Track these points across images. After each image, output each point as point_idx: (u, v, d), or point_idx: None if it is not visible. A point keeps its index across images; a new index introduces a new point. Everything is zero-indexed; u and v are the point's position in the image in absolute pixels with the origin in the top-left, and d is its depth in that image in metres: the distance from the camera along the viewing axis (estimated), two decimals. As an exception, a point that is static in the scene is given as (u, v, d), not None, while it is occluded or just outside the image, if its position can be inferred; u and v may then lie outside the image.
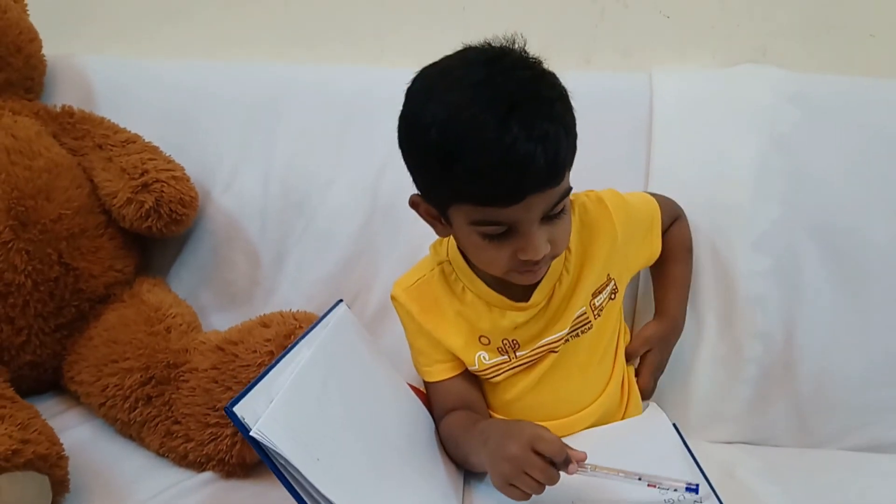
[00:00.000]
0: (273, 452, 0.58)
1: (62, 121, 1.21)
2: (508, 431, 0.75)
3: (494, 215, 0.74)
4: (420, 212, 0.85)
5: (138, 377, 1.00)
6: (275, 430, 0.59)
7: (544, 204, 0.74)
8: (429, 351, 0.92)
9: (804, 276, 1.04)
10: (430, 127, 0.72)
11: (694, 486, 0.71)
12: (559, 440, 0.72)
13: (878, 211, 1.04)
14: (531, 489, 0.71)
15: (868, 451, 1.02)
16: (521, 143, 0.69)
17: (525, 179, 0.71)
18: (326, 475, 0.60)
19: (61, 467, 0.86)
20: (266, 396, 0.63)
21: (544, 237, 0.76)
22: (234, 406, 0.58)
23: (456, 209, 0.77)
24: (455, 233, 0.82)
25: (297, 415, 0.65)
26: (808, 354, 1.03)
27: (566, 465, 0.71)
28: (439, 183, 0.76)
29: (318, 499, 0.60)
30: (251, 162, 1.23)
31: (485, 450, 0.77)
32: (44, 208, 1.07)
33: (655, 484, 0.73)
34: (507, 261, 0.78)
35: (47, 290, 1.07)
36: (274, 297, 1.20)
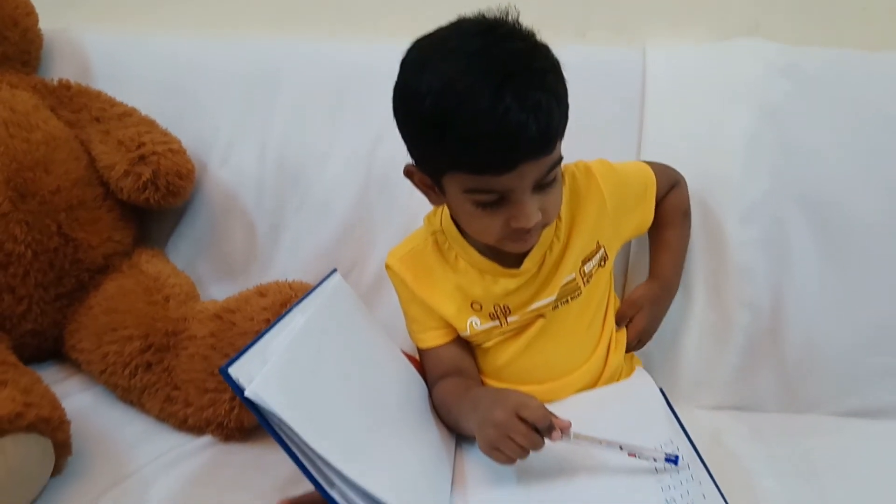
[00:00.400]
0: (267, 412, 0.60)
1: (59, 94, 1.22)
2: (495, 399, 0.77)
3: (487, 184, 0.75)
4: (414, 181, 0.87)
5: (138, 345, 1.02)
6: (269, 391, 0.60)
7: (536, 173, 0.76)
8: (422, 318, 0.94)
9: (792, 247, 1.05)
10: (424, 96, 0.73)
11: (673, 457, 0.73)
12: (543, 408, 0.74)
13: (867, 183, 1.05)
14: (515, 453, 0.74)
15: (852, 417, 1.04)
16: (514, 112, 0.70)
17: (517, 148, 0.72)
18: (320, 434, 0.62)
19: (63, 431, 0.88)
20: (261, 359, 0.65)
21: (536, 205, 0.78)
22: (229, 367, 0.60)
23: (450, 178, 0.79)
24: (448, 201, 0.84)
25: (292, 376, 0.66)
26: (794, 323, 1.05)
27: (549, 431, 0.73)
28: (433, 152, 0.78)
29: (312, 458, 0.61)
30: (247, 135, 1.25)
31: (474, 416, 0.79)
32: (42, 180, 1.09)
33: (636, 454, 0.74)
34: (500, 229, 0.80)
35: (47, 260, 1.09)
36: (270, 269, 1.22)
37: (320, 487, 0.62)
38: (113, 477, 0.91)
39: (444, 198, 0.84)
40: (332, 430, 0.66)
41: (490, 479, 0.79)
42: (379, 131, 1.19)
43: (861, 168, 1.06)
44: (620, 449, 0.74)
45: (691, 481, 0.70)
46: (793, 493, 0.85)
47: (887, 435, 0.99)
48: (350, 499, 0.62)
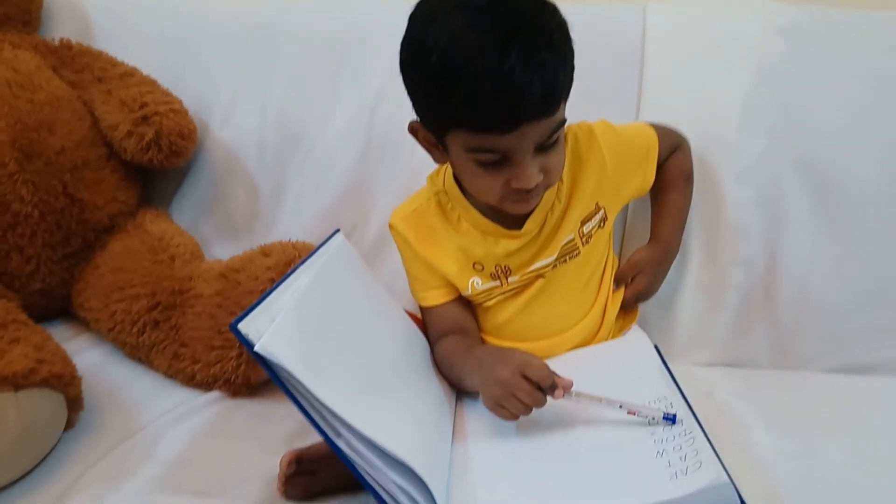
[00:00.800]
0: (276, 366, 0.62)
1: (61, 54, 1.23)
2: (500, 357, 0.79)
3: (489, 143, 0.76)
4: (418, 138, 0.87)
5: (145, 303, 1.04)
6: (278, 346, 0.62)
7: (538, 134, 0.76)
8: (424, 277, 0.96)
9: (787, 207, 1.07)
10: (430, 51, 0.73)
11: (671, 415, 0.75)
12: (547, 367, 0.76)
13: (862, 144, 1.06)
14: (519, 410, 0.76)
15: (843, 373, 1.06)
16: (519, 71, 0.70)
17: (520, 108, 0.73)
18: (327, 387, 0.64)
19: (75, 386, 0.91)
20: (268, 315, 0.66)
21: (537, 167, 0.79)
22: (239, 324, 0.62)
23: (453, 136, 0.79)
24: (451, 160, 0.85)
25: (299, 332, 0.68)
26: (788, 281, 1.07)
27: (552, 390, 0.76)
28: (437, 108, 0.78)
29: (319, 409, 0.64)
30: (248, 95, 1.25)
31: (478, 374, 0.81)
32: (47, 141, 1.10)
33: (635, 412, 0.76)
34: (501, 189, 0.81)
35: (54, 220, 1.10)
36: (273, 230, 1.23)
37: (327, 437, 0.64)
38: (124, 431, 0.94)
39: (447, 156, 0.85)
40: (339, 382, 0.68)
41: (489, 432, 0.81)
42: (380, 91, 1.20)
43: (858, 128, 1.07)
44: (620, 407, 0.77)
45: (684, 435, 0.72)
46: (783, 448, 0.87)
47: (877, 391, 1.01)
48: (356, 448, 0.64)
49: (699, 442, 0.71)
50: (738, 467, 0.81)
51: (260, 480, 0.85)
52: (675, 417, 0.75)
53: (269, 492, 0.83)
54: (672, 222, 1.05)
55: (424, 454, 0.69)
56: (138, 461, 0.89)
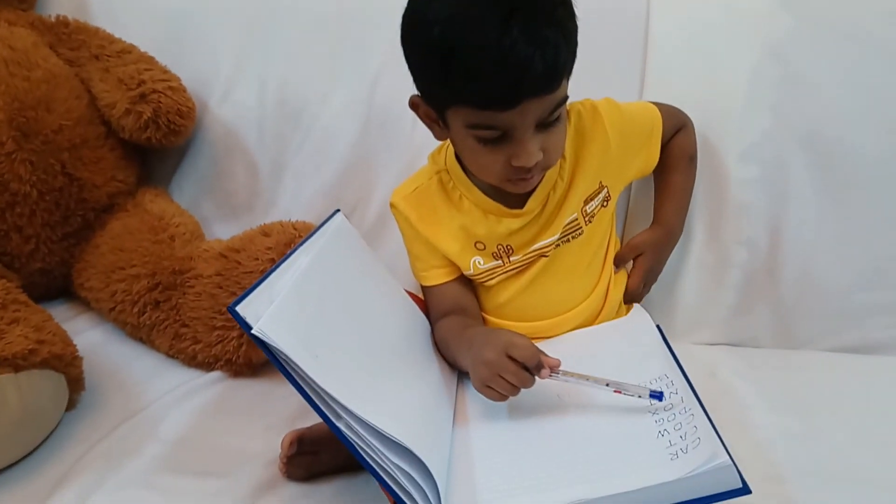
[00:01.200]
0: (275, 349, 0.62)
1: (57, 31, 1.21)
2: (487, 339, 0.79)
3: (490, 119, 0.75)
4: (419, 114, 0.86)
5: (145, 283, 1.04)
6: (275, 328, 0.62)
7: (540, 110, 0.75)
8: (426, 256, 0.95)
9: (791, 185, 1.05)
10: (431, 25, 0.72)
11: (658, 393, 0.74)
12: (532, 347, 0.75)
13: (869, 120, 1.04)
14: (506, 391, 0.76)
15: (846, 353, 1.06)
16: (520, 46, 0.69)
17: (521, 83, 0.72)
18: (325, 371, 0.64)
19: (76, 366, 0.91)
20: (268, 297, 0.66)
21: (537, 145, 0.78)
22: (237, 306, 0.62)
23: (453, 112, 0.78)
24: (452, 136, 0.84)
25: (297, 313, 0.68)
26: (791, 260, 1.06)
27: (538, 370, 0.75)
28: (438, 83, 0.77)
29: (319, 392, 0.63)
30: (247, 72, 1.24)
31: (468, 355, 0.81)
32: (45, 119, 1.09)
33: (621, 390, 0.76)
34: (501, 167, 0.80)
35: (53, 199, 1.10)
36: (274, 209, 1.23)
37: (327, 420, 0.64)
38: (125, 411, 0.95)
39: (447, 132, 0.84)
40: (337, 366, 0.67)
41: (490, 413, 0.81)
42: (380, 68, 1.19)
43: (864, 104, 1.05)
44: (606, 385, 0.76)
45: (684, 413, 0.72)
46: (785, 428, 0.87)
47: (880, 370, 1.01)
48: (356, 430, 0.64)
49: (699, 419, 0.71)
50: (739, 448, 0.81)
51: (262, 460, 0.86)
52: (661, 395, 0.75)
53: (272, 472, 0.84)
54: (675, 204, 1.04)
55: (425, 436, 0.69)
56: (140, 441, 0.90)
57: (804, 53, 1.06)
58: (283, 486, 0.82)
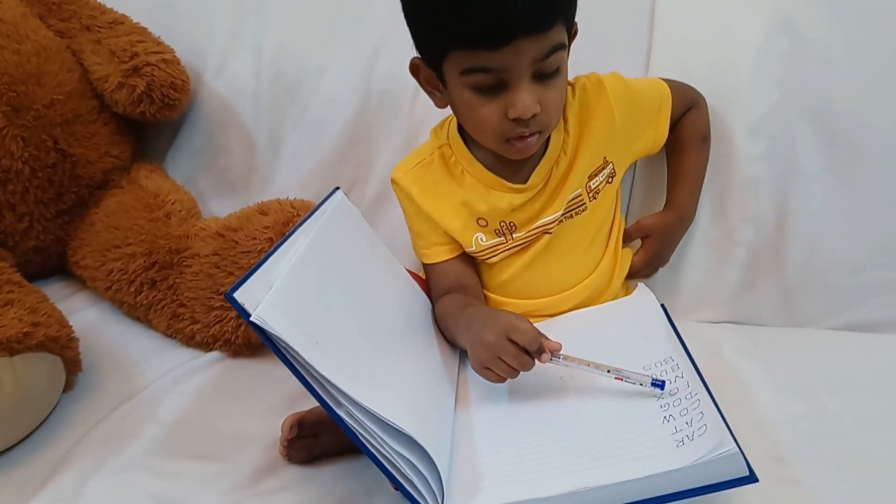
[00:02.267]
0: (274, 336, 0.61)
1: (47, 1, 1.18)
2: (487, 320, 0.77)
3: (483, 60, 0.74)
4: (420, 79, 0.86)
5: (142, 262, 1.02)
6: (274, 315, 0.61)
7: (535, 51, 0.74)
8: (427, 233, 0.94)
9: (799, 160, 1.03)
10: None
11: (660, 382, 0.73)
12: (533, 330, 0.74)
13: (879, 93, 1.01)
14: (505, 373, 0.75)
15: (850, 331, 1.05)
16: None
17: (509, 18, 0.70)
18: (324, 357, 0.63)
19: (72, 348, 0.90)
20: (265, 282, 0.64)
21: (534, 96, 0.76)
22: (234, 292, 0.60)
23: (448, 61, 0.77)
24: (451, 96, 0.82)
25: (296, 299, 0.66)
26: (798, 238, 1.04)
27: (539, 353, 0.74)
28: (430, 27, 0.77)
29: (318, 379, 0.62)
30: (242, 43, 1.21)
31: (467, 335, 0.80)
32: (36, 93, 1.06)
33: (622, 377, 0.75)
34: (498, 121, 0.78)
35: (45, 176, 1.08)
36: (271, 185, 1.21)
37: (328, 407, 0.63)
38: (124, 392, 0.94)
39: (447, 95, 0.83)
40: (337, 352, 0.66)
41: (492, 396, 0.80)
42: (378, 41, 1.16)
43: (874, 78, 1.02)
44: (608, 372, 0.75)
45: (689, 398, 0.71)
46: (789, 408, 0.86)
47: (885, 349, 1.00)
48: (356, 417, 0.63)
49: (705, 404, 0.70)
50: (743, 427, 0.81)
51: (262, 443, 0.85)
52: (663, 384, 0.74)
53: (272, 454, 0.83)
54: (688, 186, 1.02)
55: (426, 423, 0.68)
56: (138, 423, 0.89)
57: (813, 26, 1.03)
58: (283, 468, 0.82)
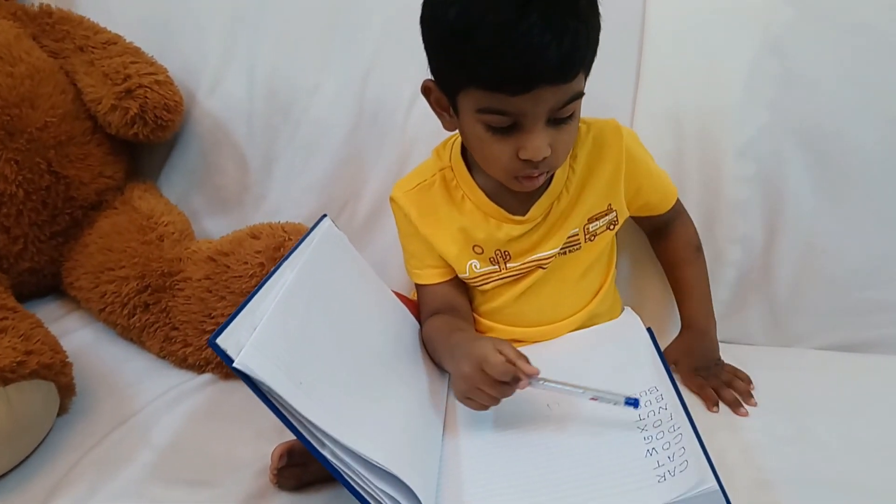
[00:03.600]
0: (257, 381, 0.61)
1: (41, 21, 1.19)
2: (466, 351, 0.78)
3: (502, 103, 0.74)
4: (430, 100, 0.85)
5: (135, 285, 1.03)
6: (257, 360, 0.61)
7: (553, 100, 0.74)
8: (421, 255, 0.94)
9: (788, 182, 1.04)
10: (451, 4, 0.72)
11: (633, 399, 0.74)
12: (504, 364, 0.73)
13: (868, 116, 1.02)
14: (486, 401, 0.76)
15: (838, 350, 1.06)
16: (537, 31, 0.69)
17: (535, 68, 0.71)
18: (309, 399, 0.63)
19: (66, 374, 0.91)
20: (249, 324, 0.65)
21: (547, 139, 0.77)
22: (217, 338, 0.60)
23: (465, 95, 0.77)
24: (461, 125, 0.82)
25: (280, 341, 0.67)
26: (787, 258, 1.05)
27: (515, 381, 0.74)
28: (452, 63, 0.76)
29: (302, 421, 0.63)
30: (235, 62, 1.22)
31: (451, 364, 0.82)
32: (29, 116, 1.07)
33: (597, 398, 0.75)
34: (508, 160, 0.78)
35: (39, 198, 1.08)
36: (264, 203, 1.21)
37: (312, 448, 0.64)
38: (117, 416, 0.94)
39: (457, 121, 0.83)
40: (322, 392, 0.67)
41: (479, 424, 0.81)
42: (372, 60, 1.16)
43: (863, 99, 1.03)
44: (583, 393, 0.76)
45: (672, 431, 0.72)
46: (775, 431, 0.86)
47: (873, 369, 1.01)
48: (341, 458, 0.63)
49: (687, 439, 0.71)
50: (729, 452, 0.83)
51: (252, 469, 0.86)
52: (637, 402, 0.75)
53: (262, 481, 0.84)
54: (695, 301, 1.01)
55: (412, 460, 0.69)
56: (132, 448, 0.90)
57: (803, 48, 1.03)
58: (273, 495, 0.82)
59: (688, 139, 1.06)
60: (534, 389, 0.75)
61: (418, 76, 1.12)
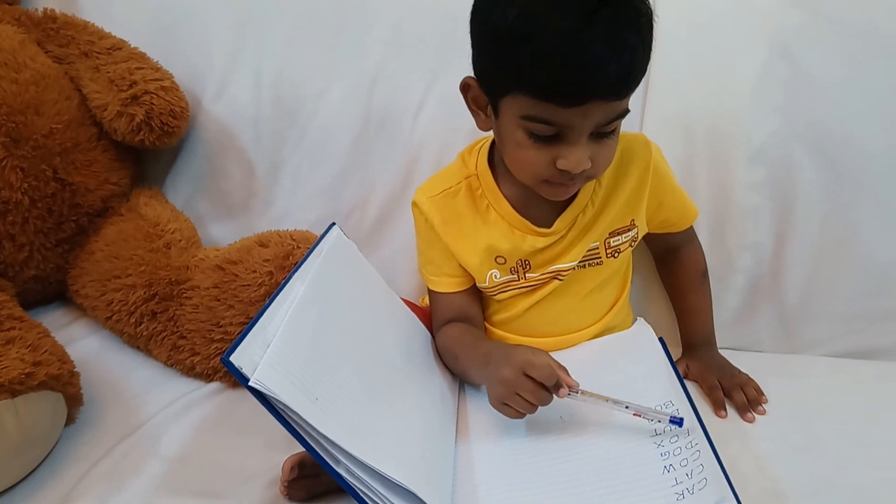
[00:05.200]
0: (273, 399, 0.61)
1: (45, 26, 1.18)
2: (505, 356, 0.78)
3: (549, 113, 0.73)
4: (468, 97, 0.84)
5: (142, 293, 1.02)
6: (273, 378, 0.61)
7: (602, 115, 0.73)
8: (440, 262, 0.93)
9: (798, 188, 1.03)
10: (512, 4, 0.70)
11: (678, 419, 0.74)
12: (550, 367, 0.74)
13: (878, 120, 1.02)
14: (524, 409, 0.76)
15: (847, 357, 1.05)
16: (600, 44, 0.68)
17: (592, 82, 0.70)
18: (325, 414, 0.63)
19: (73, 384, 0.90)
20: (262, 341, 0.64)
21: (588, 153, 0.76)
22: (231, 356, 0.60)
23: (510, 100, 0.75)
24: (499, 127, 0.81)
25: (294, 356, 0.66)
26: (796, 265, 1.05)
27: (557, 388, 0.75)
28: (504, 65, 0.74)
29: (317, 438, 0.62)
30: (241, 67, 1.20)
31: (485, 372, 0.81)
32: (34, 123, 1.06)
33: (641, 414, 0.75)
34: (545, 167, 0.77)
35: (45, 206, 1.08)
36: (271, 208, 1.20)
37: (327, 465, 0.63)
38: (126, 426, 0.94)
39: (493, 122, 0.82)
40: (337, 407, 0.66)
41: (493, 435, 0.81)
42: (379, 65, 1.15)
43: (873, 104, 1.02)
44: (626, 408, 0.76)
45: (689, 448, 0.72)
46: (787, 440, 0.86)
47: (884, 376, 1.01)
48: (356, 474, 0.63)
49: (705, 456, 0.71)
50: (741, 462, 0.82)
51: (263, 479, 0.85)
52: (682, 421, 0.75)
53: (272, 492, 0.83)
54: (701, 325, 1.03)
55: (427, 473, 0.69)
56: (141, 459, 0.89)
57: (812, 52, 1.03)
58: (285, 507, 0.82)
59: (697, 145, 1.05)
60: (572, 401, 0.75)
61: (426, 81, 1.13)
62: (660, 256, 1.06)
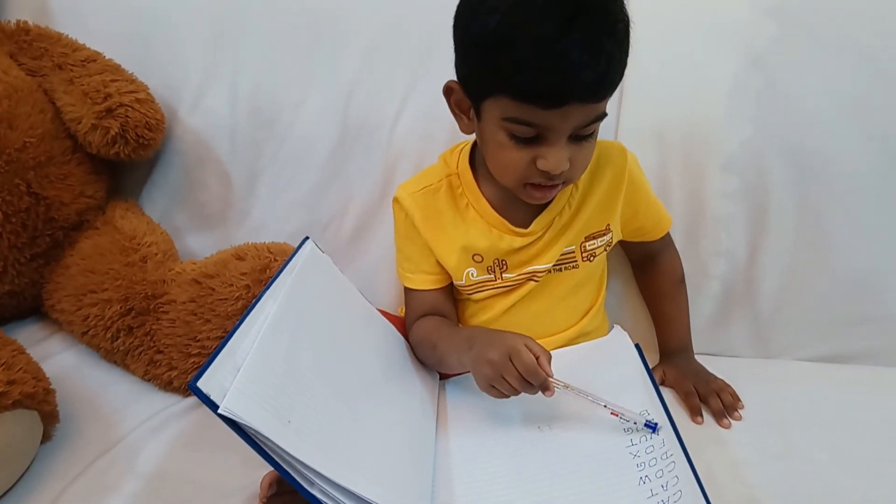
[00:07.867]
0: (243, 425, 0.60)
1: (18, 38, 1.16)
2: (492, 338, 0.80)
3: (530, 115, 0.75)
4: (451, 100, 0.86)
5: (118, 308, 1.02)
6: (243, 404, 0.59)
7: (581, 118, 0.76)
8: (417, 259, 0.95)
9: (771, 196, 1.05)
10: (492, 10, 0.73)
11: (653, 424, 0.75)
12: (534, 364, 0.76)
13: (850, 131, 1.03)
14: (509, 392, 0.78)
15: (822, 362, 1.07)
16: (577, 50, 0.70)
17: (571, 86, 0.72)
18: (298, 437, 0.62)
19: (49, 402, 0.89)
20: (232, 364, 0.63)
21: (567, 154, 0.78)
22: (198, 382, 0.58)
23: (492, 102, 0.78)
24: (481, 129, 0.83)
25: (265, 380, 0.65)
26: (770, 272, 1.06)
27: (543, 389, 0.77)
28: (485, 69, 0.76)
29: (291, 462, 0.62)
30: (217, 79, 1.19)
31: (469, 353, 0.82)
32: (7, 137, 1.05)
33: (618, 413, 0.77)
34: (525, 169, 0.80)
35: (19, 221, 1.06)
36: (248, 219, 1.20)
37: (301, 487, 0.63)
38: (103, 443, 0.93)
39: (475, 125, 0.84)
40: (311, 431, 0.66)
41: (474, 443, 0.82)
42: (355, 75, 1.15)
43: (847, 115, 1.04)
44: (605, 406, 0.78)
45: (665, 458, 0.73)
46: (763, 446, 0.87)
47: (857, 379, 1.02)
48: (331, 495, 0.63)
49: (680, 466, 0.71)
50: (717, 468, 0.83)
51: (241, 496, 0.85)
52: (656, 426, 0.76)
53: (251, 509, 0.83)
54: (678, 331, 1.04)
55: (404, 488, 0.69)
56: (118, 476, 0.88)
57: (786, 63, 1.04)
58: (263, 523, 0.82)
59: (672, 153, 1.07)
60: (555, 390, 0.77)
61: (402, 91, 1.13)
62: (637, 263, 1.08)
